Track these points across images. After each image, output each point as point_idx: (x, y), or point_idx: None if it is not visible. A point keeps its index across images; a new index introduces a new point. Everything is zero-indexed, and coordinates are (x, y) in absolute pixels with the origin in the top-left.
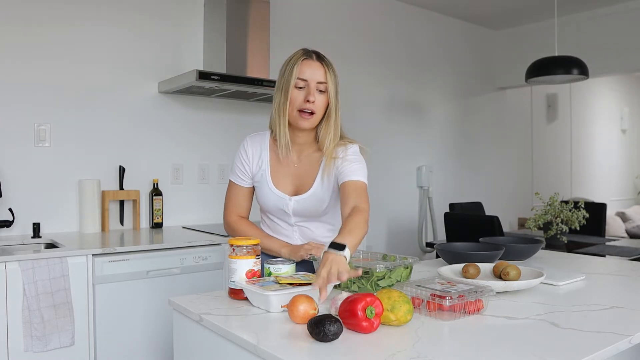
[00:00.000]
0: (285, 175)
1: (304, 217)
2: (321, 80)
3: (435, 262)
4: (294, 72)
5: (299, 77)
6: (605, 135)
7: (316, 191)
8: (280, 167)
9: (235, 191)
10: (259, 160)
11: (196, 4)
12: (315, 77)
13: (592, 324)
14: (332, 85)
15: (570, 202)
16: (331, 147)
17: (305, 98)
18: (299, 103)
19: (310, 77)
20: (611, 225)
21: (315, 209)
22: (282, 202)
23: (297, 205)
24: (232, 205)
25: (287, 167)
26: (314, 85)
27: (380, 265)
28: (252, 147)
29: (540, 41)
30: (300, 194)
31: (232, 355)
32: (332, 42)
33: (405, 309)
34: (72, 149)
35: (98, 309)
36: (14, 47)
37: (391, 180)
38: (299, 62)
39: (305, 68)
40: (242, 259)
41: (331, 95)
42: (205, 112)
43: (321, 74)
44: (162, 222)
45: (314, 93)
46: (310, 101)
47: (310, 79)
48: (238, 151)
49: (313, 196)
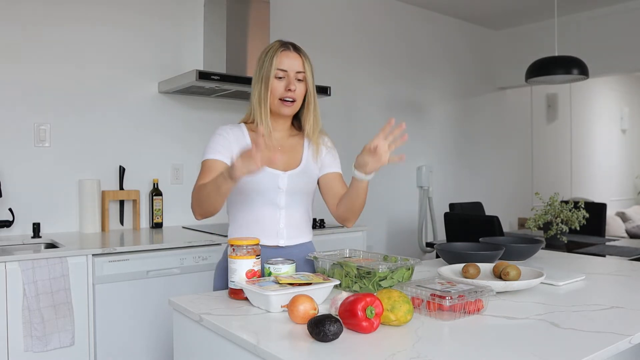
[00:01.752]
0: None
1: (295, 195)
2: (299, 70)
3: (435, 262)
4: (273, 63)
5: (278, 67)
6: (605, 135)
7: (306, 167)
8: (265, 150)
9: (210, 165)
10: (240, 144)
11: (196, 4)
12: (294, 67)
13: (592, 324)
14: (309, 74)
15: (570, 202)
16: (315, 132)
17: (286, 87)
18: (280, 92)
19: (289, 67)
20: (611, 225)
21: (306, 186)
22: (274, 180)
23: (291, 180)
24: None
25: (272, 151)
26: (293, 74)
27: (383, 265)
28: (231, 131)
29: (540, 41)
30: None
31: (232, 355)
32: (332, 42)
33: (405, 309)
34: (72, 149)
35: (98, 309)
36: (14, 47)
37: (391, 180)
38: (277, 53)
39: (284, 59)
40: (242, 259)
41: (309, 84)
42: (205, 112)
43: (299, 64)
44: (162, 222)
45: (294, 82)
46: (292, 90)
47: (290, 69)
48: (213, 135)
49: (304, 172)
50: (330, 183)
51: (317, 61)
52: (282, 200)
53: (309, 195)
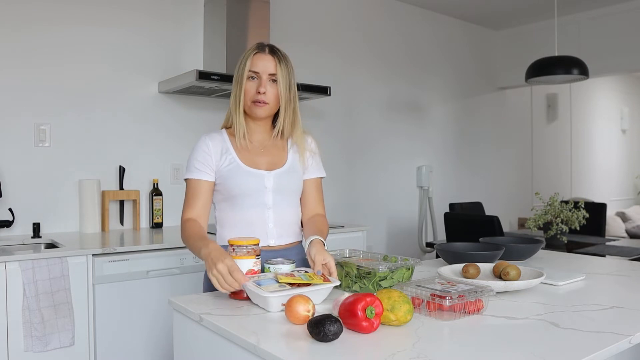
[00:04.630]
0: (256, 156)
1: (282, 194)
2: (272, 72)
3: (435, 262)
4: (246, 65)
5: (250, 69)
6: (605, 135)
7: (292, 166)
8: (247, 153)
9: (193, 187)
10: (223, 152)
11: (196, 4)
12: (267, 69)
13: (592, 324)
14: (281, 77)
15: (570, 202)
16: (294, 132)
17: (256, 89)
18: (251, 94)
19: (262, 69)
20: (611, 225)
21: (293, 185)
22: (260, 180)
23: (277, 179)
24: (190, 203)
25: (254, 152)
26: (266, 77)
27: (383, 265)
28: (213, 142)
29: (540, 41)
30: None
31: (232, 355)
32: (332, 42)
33: (405, 309)
34: (72, 149)
35: (98, 309)
36: (14, 48)
37: (391, 180)
38: (251, 55)
39: (258, 61)
40: (242, 259)
41: (281, 86)
42: (205, 112)
43: (272, 66)
44: (162, 222)
45: (265, 84)
46: (261, 92)
47: (262, 71)
48: (195, 148)
49: (290, 171)
50: (307, 194)
51: (317, 61)
52: (269, 200)
53: (296, 193)
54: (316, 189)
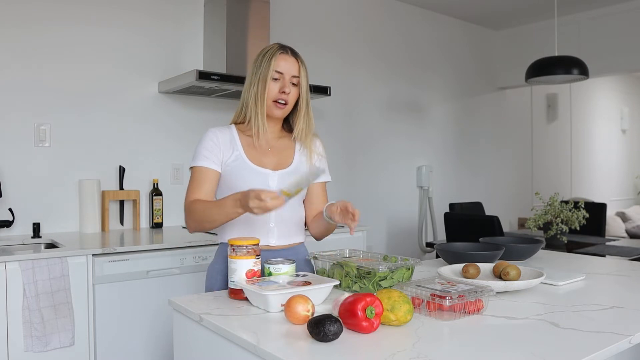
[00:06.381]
0: (262, 155)
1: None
2: (295, 74)
3: (435, 262)
4: (271, 64)
5: (275, 69)
6: (605, 135)
7: (297, 167)
8: (254, 150)
9: (200, 173)
10: (231, 146)
11: (196, 4)
12: (290, 71)
13: (592, 324)
14: (304, 80)
15: (570, 202)
16: (307, 136)
17: (280, 89)
18: (274, 94)
19: (286, 70)
20: (611, 225)
21: None
22: (264, 179)
23: (281, 179)
24: (195, 187)
25: (261, 151)
26: (289, 78)
27: (383, 265)
28: (222, 134)
29: (540, 41)
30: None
31: (232, 355)
32: (332, 42)
33: (405, 309)
34: (72, 149)
35: (98, 309)
36: (14, 48)
37: (391, 180)
38: (276, 55)
39: (282, 62)
40: (242, 259)
41: (302, 89)
42: (205, 112)
43: (296, 69)
44: (162, 222)
45: (288, 85)
46: (286, 92)
47: (286, 72)
48: (203, 138)
49: (295, 172)
50: (312, 194)
51: (317, 61)
52: None
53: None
54: (322, 192)
